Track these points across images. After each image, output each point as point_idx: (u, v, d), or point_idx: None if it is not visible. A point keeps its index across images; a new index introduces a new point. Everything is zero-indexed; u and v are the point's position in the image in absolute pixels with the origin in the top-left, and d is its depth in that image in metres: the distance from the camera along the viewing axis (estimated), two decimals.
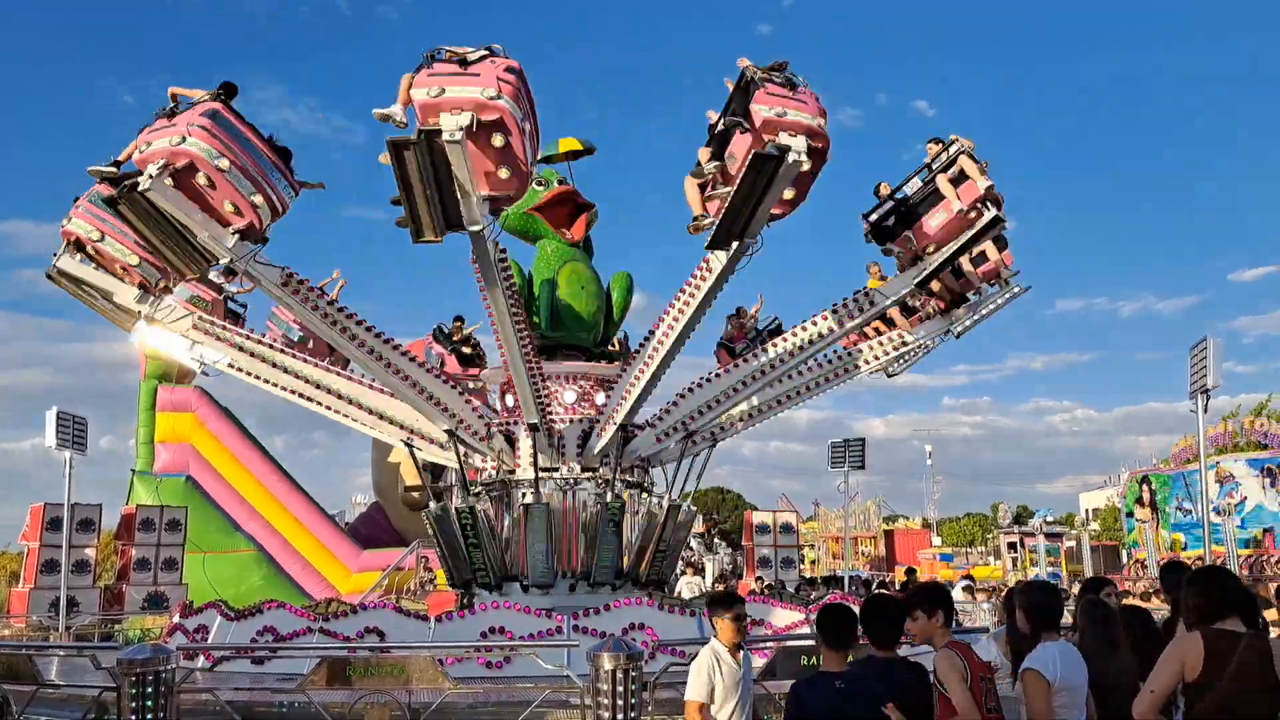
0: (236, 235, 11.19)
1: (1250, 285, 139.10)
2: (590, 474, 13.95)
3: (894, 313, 15.26)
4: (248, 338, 14.64)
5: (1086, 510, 66.62)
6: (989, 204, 12.88)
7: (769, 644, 10.31)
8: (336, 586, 26.07)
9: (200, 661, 11.61)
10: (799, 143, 10.05)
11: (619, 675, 7.36)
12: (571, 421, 14.06)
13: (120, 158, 11.69)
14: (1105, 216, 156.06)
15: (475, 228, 10.31)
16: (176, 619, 14.30)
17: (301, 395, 14.68)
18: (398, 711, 8.44)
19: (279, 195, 11.37)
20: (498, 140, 9.83)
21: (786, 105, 10.15)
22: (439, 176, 9.72)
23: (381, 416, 14.57)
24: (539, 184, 14.58)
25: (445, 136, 9.45)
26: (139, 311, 13.62)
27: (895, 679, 4.85)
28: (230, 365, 14.75)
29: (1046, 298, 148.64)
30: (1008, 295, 14.69)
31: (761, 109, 10.09)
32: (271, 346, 14.81)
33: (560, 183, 14.93)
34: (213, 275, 13.96)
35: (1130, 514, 35.24)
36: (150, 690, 7.64)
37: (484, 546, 13.47)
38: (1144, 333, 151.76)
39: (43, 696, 9.60)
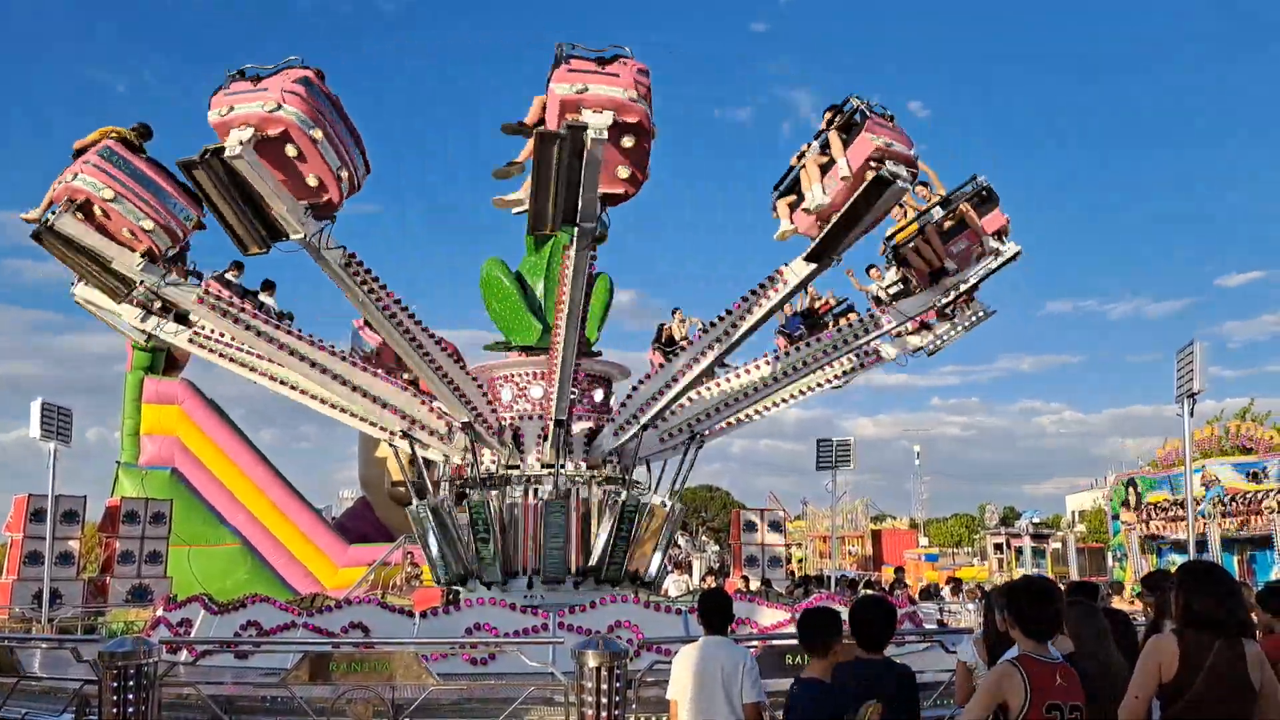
0: (309, 210, 11.01)
1: (1237, 290, 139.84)
2: (593, 472, 14.02)
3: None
4: (255, 316, 13.80)
5: (1073, 512, 66.90)
6: (1003, 238, 13.95)
7: (754, 643, 10.31)
8: (322, 581, 25.97)
9: (183, 655, 11.56)
10: (903, 170, 11.04)
11: (603, 673, 7.36)
12: (576, 418, 14.09)
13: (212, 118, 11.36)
14: (1096, 219, 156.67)
15: (589, 225, 10.50)
16: (160, 612, 14.24)
17: (295, 388, 14.62)
18: (381, 707, 8.42)
19: (358, 173, 11.30)
20: (628, 141, 10.13)
21: (891, 136, 11.12)
22: (572, 171, 9.79)
23: (385, 404, 14.31)
24: None
25: (591, 134, 9.62)
26: (139, 281, 12.83)
27: (881, 682, 4.83)
28: (192, 341, 14.52)
29: (1036, 299, 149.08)
30: (989, 265, 14.56)
31: (871, 137, 11.01)
32: (277, 327, 13.91)
33: None
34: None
35: (1116, 516, 35.41)
36: (132, 684, 7.60)
37: (494, 540, 13.46)
38: (1132, 336, 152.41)
39: (24, 689, 9.56)
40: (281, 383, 14.72)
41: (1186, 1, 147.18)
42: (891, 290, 14.96)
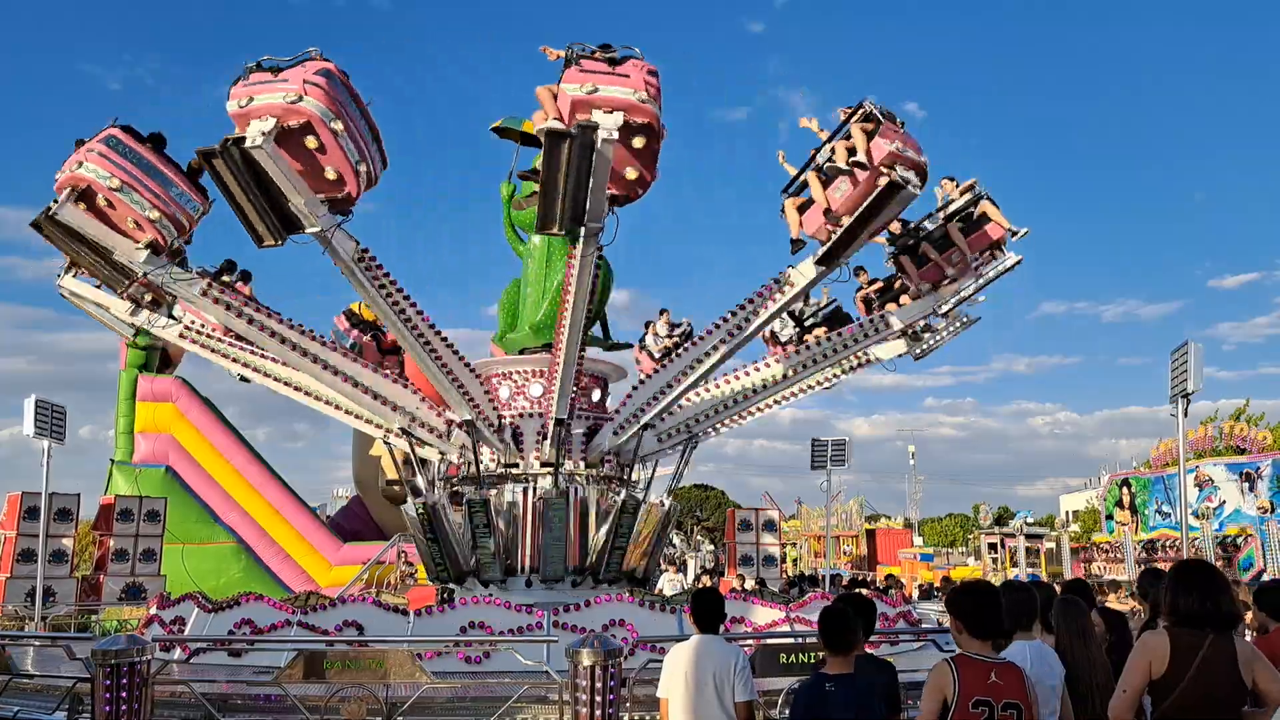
0: (326, 204, 10.94)
1: (1231, 292, 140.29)
2: (591, 471, 14.00)
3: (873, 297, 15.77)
4: (257, 309, 13.42)
5: (1067, 512, 66.99)
6: (1002, 248, 14.20)
7: (749, 642, 10.31)
8: (316, 580, 25.92)
9: (177, 653, 11.53)
10: (913, 176, 11.11)
11: (597, 671, 7.36)
12: (575, 418, 14.09)
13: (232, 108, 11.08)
14: (1090, 221, 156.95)
15: (596, 225, 10.55)
16: (154, 610, 14.19)
17: (289, 384, 14.57)
18: (375, 705, 8.40)
19: (375, 167, 11.23)
20: (638, 141, 10.13)
21: (904, 143, 11.18)
22: (580, 171, 9.78)
23: (385, 401, 14.12)
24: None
25: (602, 134, 9.61)
26: (142, 273, 12.45)
27: (862, 678, 4.84)
28: (183, 336, 14.42)
29: (1030, 301, 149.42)
30: (985, 277, 14.86)
31: (884, 143, 11.08)
32: (282, 323, 13.48)
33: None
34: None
35: (1110, 516, 35.50)
36: (125, 682, 7.58)
37: (494, 539, 13.44)
38: (1126, 337, 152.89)
39: (16, 686, 9.53)
40: (276, 379, 14.66)
41: (1185, 6, 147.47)
42: (875, 289, 15.12)
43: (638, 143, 10.11)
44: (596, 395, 14.73)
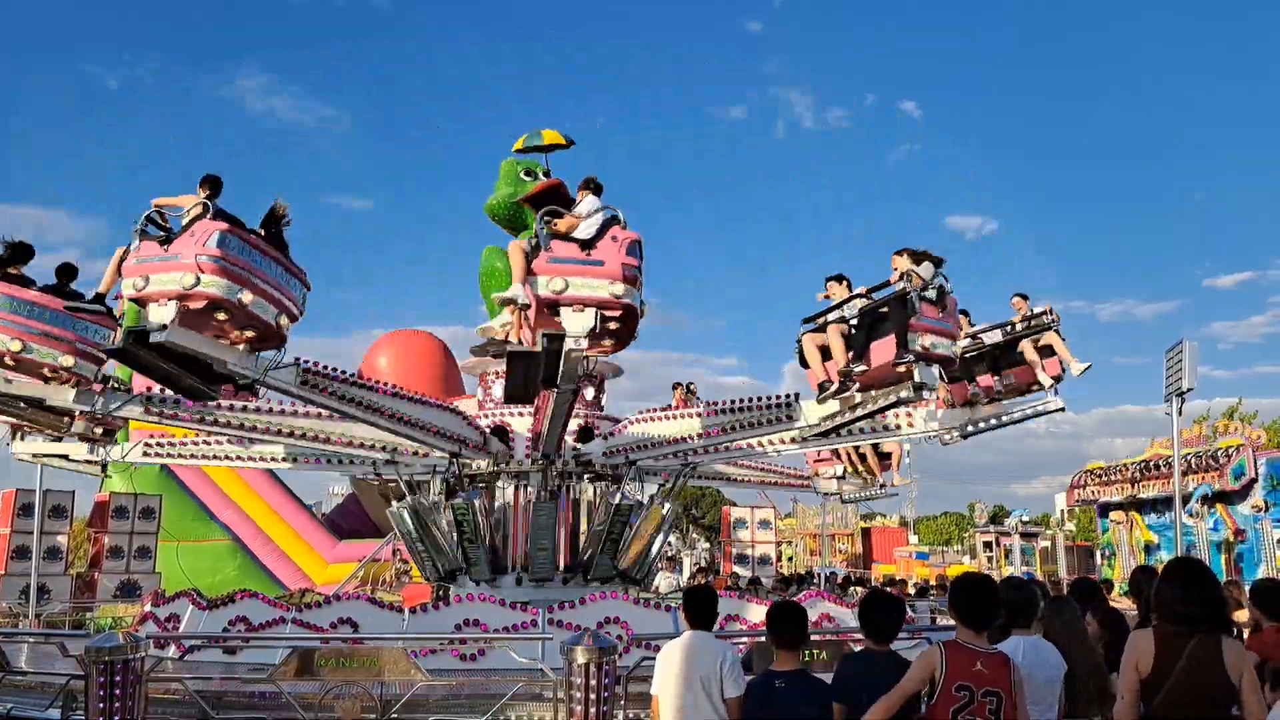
0: (255, 350, 10.23)
1: (1227, 292, 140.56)
2: (583, 469, 13.99)
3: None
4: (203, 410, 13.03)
5: (1062, 511, 67.10)
6: (1057, 384, 13.00)
7: (743, 639, 10.32)
8: (312, 577, 25.95)
9: (171, 651, 11.53)
10: (933, 375, 10.19)
11: (592, 669, 7.36)
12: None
13: (101, 288, 10.84)
14: (1087, 220, 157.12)
15: (569, 387, 10.39)
16: (148, 608, 14.18)
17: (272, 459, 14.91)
18: (369, 703, 8.40)
19: (297, 303, 10.30)
20: (613, 325, 9.57)
21: (935, 334, 10.08)
22: (550, 365, 9.48)
23: (361, 445, 14.18)
24: (527, 174, 14.54)
25: (569, 346, 9.09)
26: (77, 410, 12.12)
27: (885, 674, 4.84)
28: (146, 454, 14.50)
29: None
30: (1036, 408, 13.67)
31: (919, 338, 9.99)
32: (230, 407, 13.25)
33: (546, 175, 14.84)
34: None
35: (1105, 515, 35.51)
36: (119, 679, 7.56)
37: (479, 540, 13.41)
38: (1122, 337, 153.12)
39: (10, 683, 9.54)
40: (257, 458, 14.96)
41: (1185, 6, 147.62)
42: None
43: (613, 325, 9.57)
44: (590, 394, 14.71)
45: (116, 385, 12.75)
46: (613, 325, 9.56)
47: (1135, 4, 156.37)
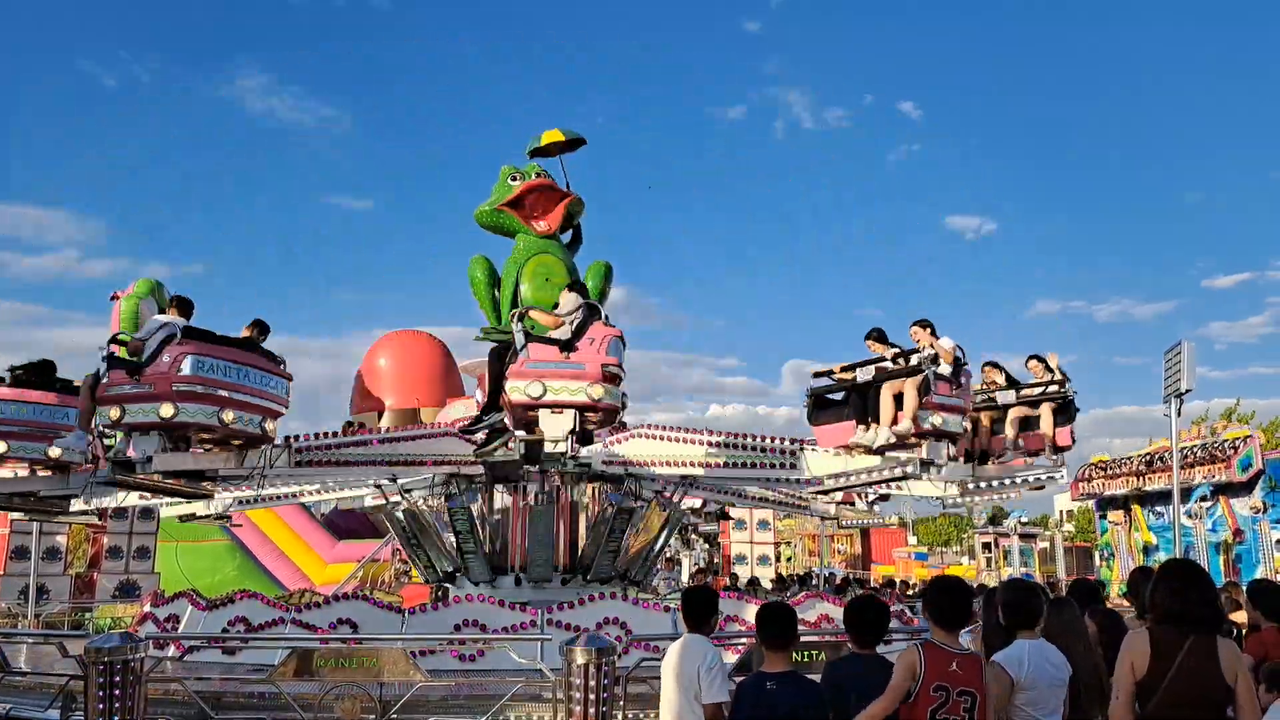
0: (243, 453, 10.24)
1: (1225, 292, 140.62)
2: (584, 471, 13.96)
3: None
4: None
5: (1061, 512, 67.13)
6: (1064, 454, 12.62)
7: (742, 640, 10.32)
8: (311, 577, 25.92)
9: (170, 651, 11.54)
10: (941, 450, 10.26)
11: (592, 669, 7.36)
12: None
13: (80, 421, 10.52)
14: (1086, 220, 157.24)
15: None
16: (148, 608, 14.19)
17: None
18: (369, 703, 8.40)
19: (280, 401, 10.26)
20: (591, 426, 9.63)
21: (945, 412, 10.11)
22: (531, 453, 9.63)
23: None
24: (514, 178, 14.38)
25: (547, 446, 9.10)
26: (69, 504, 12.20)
27: (874, 678, 4.85)
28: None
29: (1024, 300, 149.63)
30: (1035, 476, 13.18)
31: (930, 415, 10.03)
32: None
33: (538, 175, 14.69)
34: None
35: (1104, 516, 35.54)
36: (118, 679, 7.57)
37: (477, 541, 13.41)
38: (1120, 337, 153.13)
39: (9, 684, 9.52)
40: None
41: (1185, 6, 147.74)
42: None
43: (592, 426, 9.58)
44: None
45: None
46: (592, 426, 9.58)
47: (1135, 4, 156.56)
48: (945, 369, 10.21)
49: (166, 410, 8.80)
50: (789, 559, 47.34)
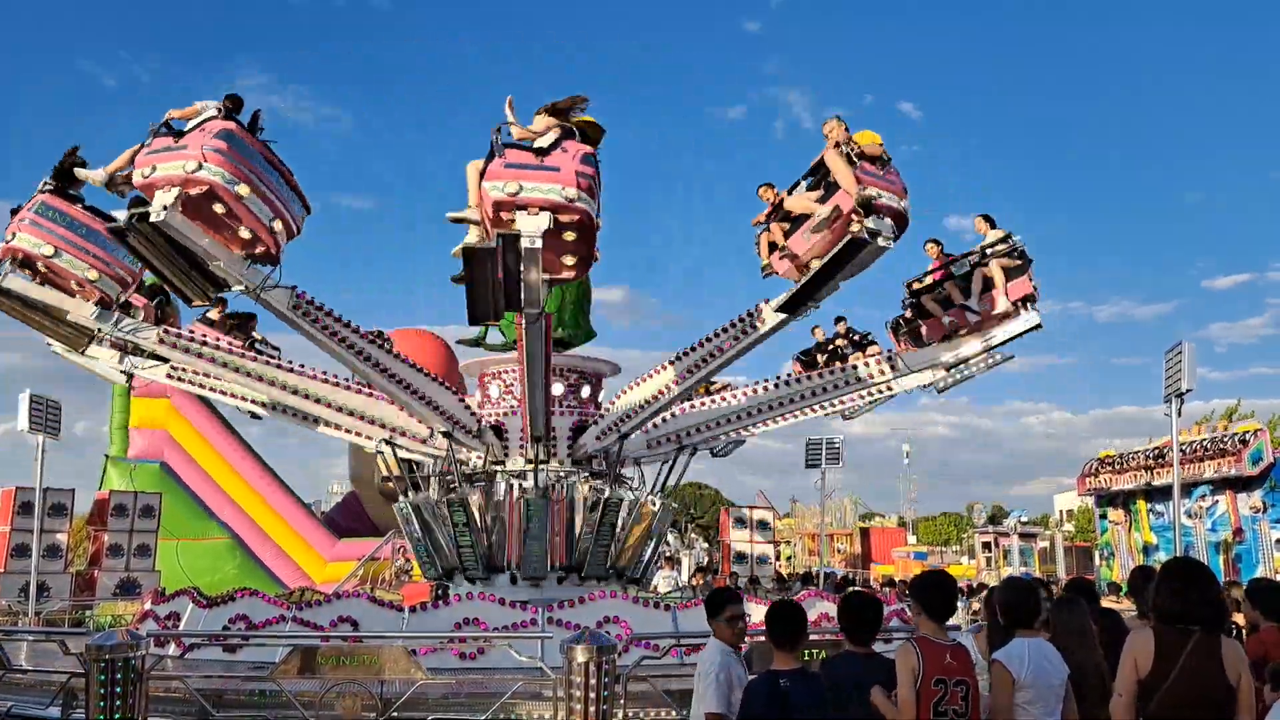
0: (250, 261, 10.64)
1: (1224, 292, 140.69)
2: (579, 468, 13.98)
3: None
4: (217, 347, 13.82)
5: (1061, 511, 67.15)
6: (1029, 305, 13.27)
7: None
8: (311, 576, 25.95)
9: (171, 649, 11.55)
10: (887, 226, 10.25)
11: (592, 668, 7.38)
12: (561, 414, 14.07)
13: (109, 169, 11.43)
14: (1086, 221, 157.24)
15: (534, 311, 10.28)
16: (148, 606, 14.20)
17: (275, 406, 14.58)
18: (370, 701, 8.42)
19: (295, 218, 10.72)
20: (569, 235, 9.62)
21: (879, 187, 10.34)
22: (510, 269, 9.44)
23: (362, 417, 14.40)
24: None
25: (525, 243, 9.11)
26: (97, 329, 12.89)
27: (871, 676, 4.86)
28: (170, 376, 14.47)
29: None
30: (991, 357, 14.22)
31: (864, 189, 10.21)
32: (244, 354, 14.00)
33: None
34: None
35: (1104, 516, 35.55)
36: (119, 676, 7.60)
37: (474, 538, 13.42)
38: (1120, 337, 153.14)
39: (10, 681, 9.53)
40: (266, 404, 14.72)
41: (1185, 6, 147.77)
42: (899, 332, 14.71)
43: (569, 236, 9.63)
44: (586, 391, 14.61)
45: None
46: (569, 235, 9.56)
47: (1135, 4, 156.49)
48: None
49: (190, 165, 9.52)
50: (789, 558, 47.39)
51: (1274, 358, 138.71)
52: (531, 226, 9.11)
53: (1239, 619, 7.60)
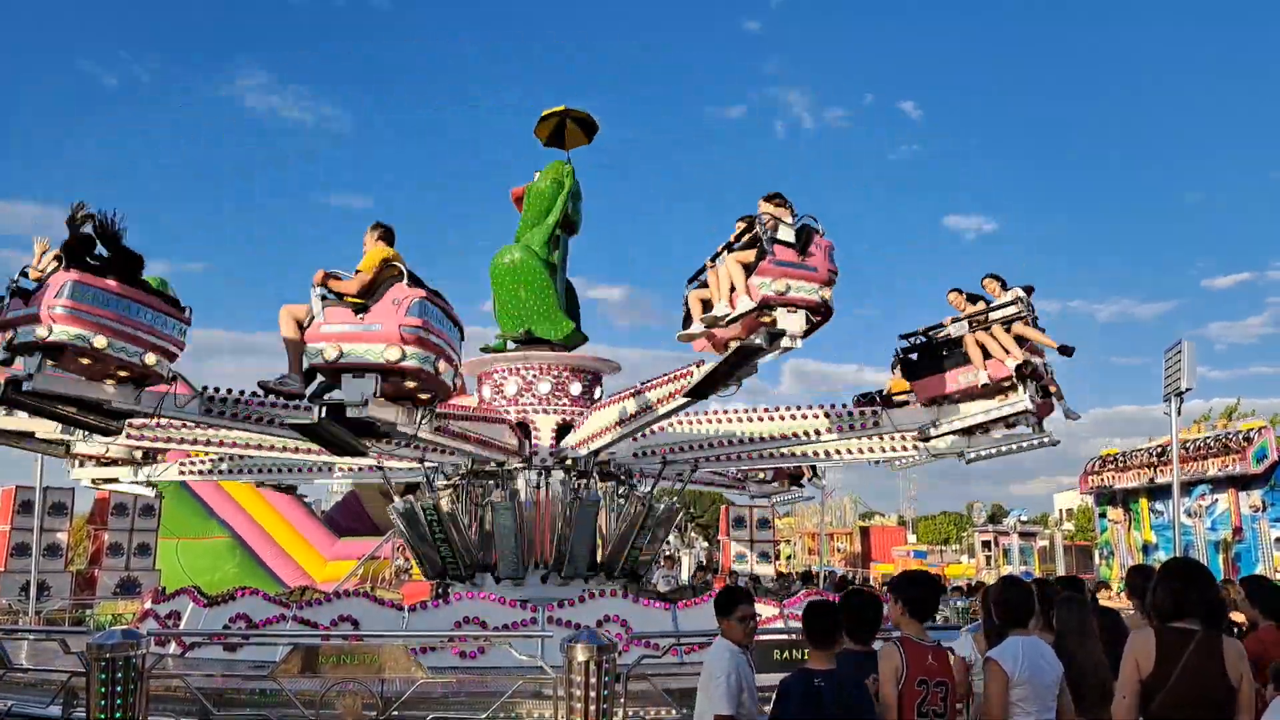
0: (140, 389, 10.01)
1: (1224, 292, 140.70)
2: (564, 466, 13.94)
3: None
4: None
5: (1060, 510, 67.19)
6: (1025, 381, 11.61)
7: None
8: (311, 575, 25.95)
9: (172, 648, 11.57)
10: (797, 323, 9.20)
11: (592, 667, 7.39)
12: (546, 413, 14.06)
13: None
14: (1086, 220, 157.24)
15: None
16: (148, 605, 14.22)
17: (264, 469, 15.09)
18: (370, 700, 8.42)
19: (171, 340, 9.78)
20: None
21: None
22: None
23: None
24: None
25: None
26: (145, 409, 10.78)
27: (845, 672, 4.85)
28: (181, 472, 14.96)
29: None
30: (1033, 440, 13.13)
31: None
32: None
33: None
34: None
35: (1103, 515, 35.58)
36: (120, 675, 7.60)
37: (451, 540, 13.35)
38: (1120, 336, 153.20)
39: (11, 680, 9.53)
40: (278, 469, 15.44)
41: (1185, 6, 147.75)
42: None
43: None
44: (577, 389, 14.49)
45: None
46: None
47: (1135, 4, 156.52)
48: (788, 236, 9.35)
49: (42, 331, 8.75)
50: (789, 558, 47.39)
51: (1273, 357, 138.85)
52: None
53: (1237, 617, 7.60)
